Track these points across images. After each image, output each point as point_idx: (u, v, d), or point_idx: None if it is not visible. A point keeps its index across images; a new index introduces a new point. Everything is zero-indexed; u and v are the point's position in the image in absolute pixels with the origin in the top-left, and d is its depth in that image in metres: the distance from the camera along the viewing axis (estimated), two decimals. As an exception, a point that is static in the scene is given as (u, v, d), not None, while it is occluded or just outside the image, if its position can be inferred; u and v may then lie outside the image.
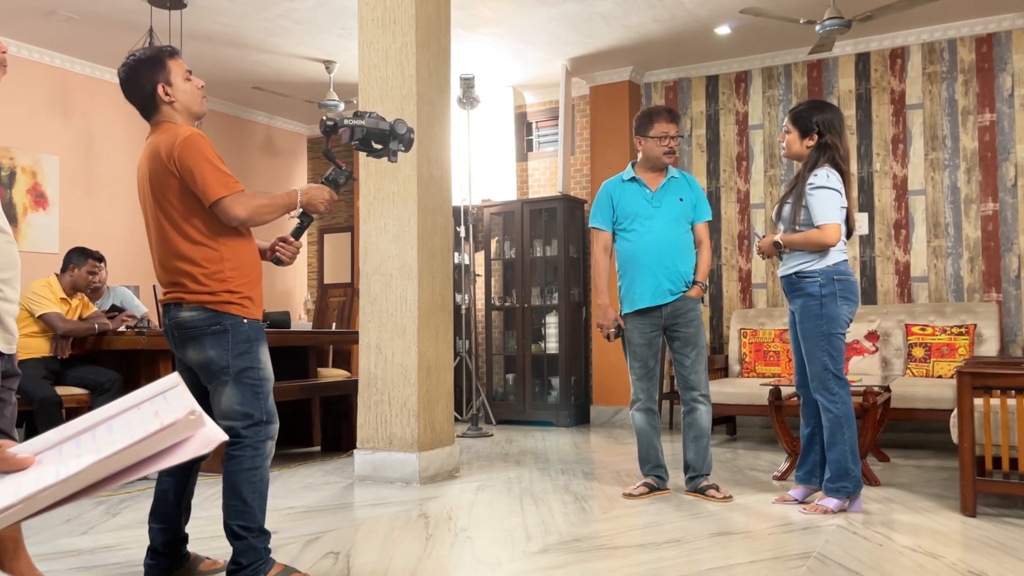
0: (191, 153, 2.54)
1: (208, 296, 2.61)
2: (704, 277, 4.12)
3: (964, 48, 6.34)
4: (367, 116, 2.76)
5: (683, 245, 4.09)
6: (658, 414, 4.16)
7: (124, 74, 2.67)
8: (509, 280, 7.68)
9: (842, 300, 3.64)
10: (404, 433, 4.49)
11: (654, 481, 4.11)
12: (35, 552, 3.12)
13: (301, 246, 2.92)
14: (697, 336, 4.07)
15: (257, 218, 2.61)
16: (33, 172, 6.67)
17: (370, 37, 4.69)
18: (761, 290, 6.94)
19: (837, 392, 3.63)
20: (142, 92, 2.66)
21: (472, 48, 6.81)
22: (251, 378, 2.64)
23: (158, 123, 2.68)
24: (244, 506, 2.62)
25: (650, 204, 4.10)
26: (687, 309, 4.05)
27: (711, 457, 4.08)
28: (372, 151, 2.81)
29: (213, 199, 2.55)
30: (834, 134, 3.72)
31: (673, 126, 4.12)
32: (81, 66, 7.02)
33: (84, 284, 5.08)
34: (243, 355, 2.63)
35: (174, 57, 2.69)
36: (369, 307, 4.63)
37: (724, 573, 2.77)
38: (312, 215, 2.79)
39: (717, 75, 7.21)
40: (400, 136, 2.79)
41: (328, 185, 2.78)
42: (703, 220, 4.16)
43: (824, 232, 3.61)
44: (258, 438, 2.64)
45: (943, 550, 3.02)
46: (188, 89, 2.69)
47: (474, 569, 2.89)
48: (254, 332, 2.68)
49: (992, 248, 6.17)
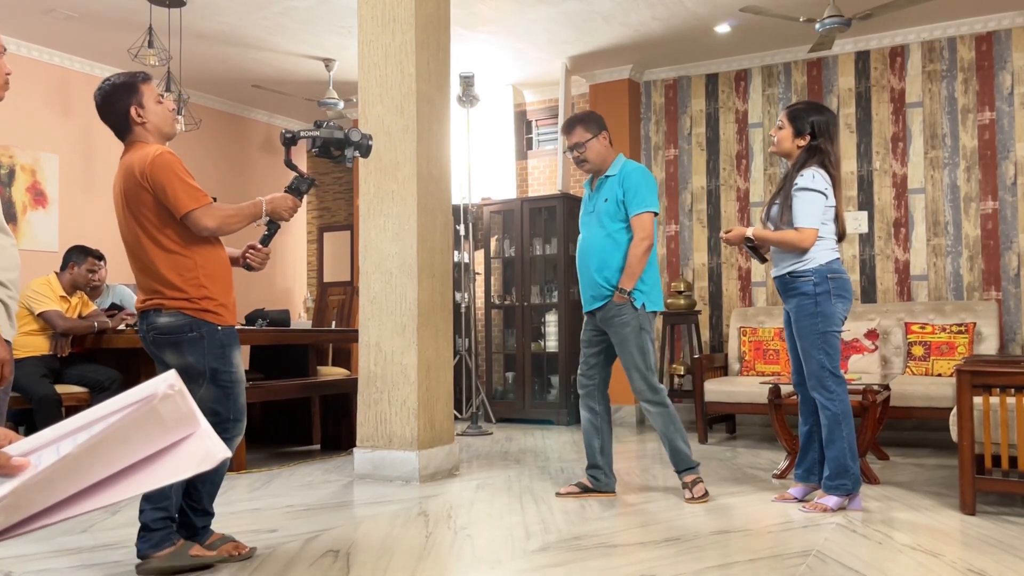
0: (161, 170, 2.75)
1: (186, 302, 2.81)
2: (626, 281, 3.83)
3: (964, 46, 6.33)
4: (323, 126, 2.97)
5: (605, 248, 3.90)
6: (599, 413, 4.04)
7: (100, 98, 2.88)
8: (509, 278, 7.68)
9: (836, 298, 3.64)
10: (404, 431, 4.49)
11: (588, 481, 4.03)
12: (35, 550, 3.13)
13: (270, 252, 3.13)
14: (623, 343, 3.87)
15: (226, 227, 2.82)
16: (32, 170, 6.67)
17: (370, 35, 4.69)
18: (761, 288, 6.94)
19: (834, 390, 3.63)
20: (116, 114, 2.87)
21: (472, 46, 6.81)
22: (224, 381, 2.88)
23: (131, 143, 2.89)
24: (194, 490, 2.91)
25: (585, 209, 4.05)
26: (612, 315, 3.89)
27: (684, 452, 3.89)
28: (332, 158, 3.01)
29: (183, 211, 2.76)
30: (827, 139, 3.72)
31: (571, 137, 3.98)
32: (81, 64, 7.02)
33: (84, 282, 5.08)
34: (218, 359, 2.85)
35: (147, 82, 2.89)
36: (369, 305, 4.63)
37: (724, 571, 2.78)
38: (278, 223, 2.99)
39: (717, 73, 7.20)
40: (355, 143, 2.98)
41: (291, 194, 2.99)
42: (634, 213, 3.86)
43: (801, 235, 3.62)
44: (223, 435, 2.84)
45: (942, 548, 3.02)
46: (159, 111, 2.90)
47: (474, 567, 2.89)
48: (228, 338, 2.89)
49: (992, 246, 6.17)
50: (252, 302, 7.81)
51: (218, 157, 8.13)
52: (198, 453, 1.01)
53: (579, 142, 3.97)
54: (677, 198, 7.29)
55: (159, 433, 1.00)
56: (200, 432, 1.02)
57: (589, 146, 3.97)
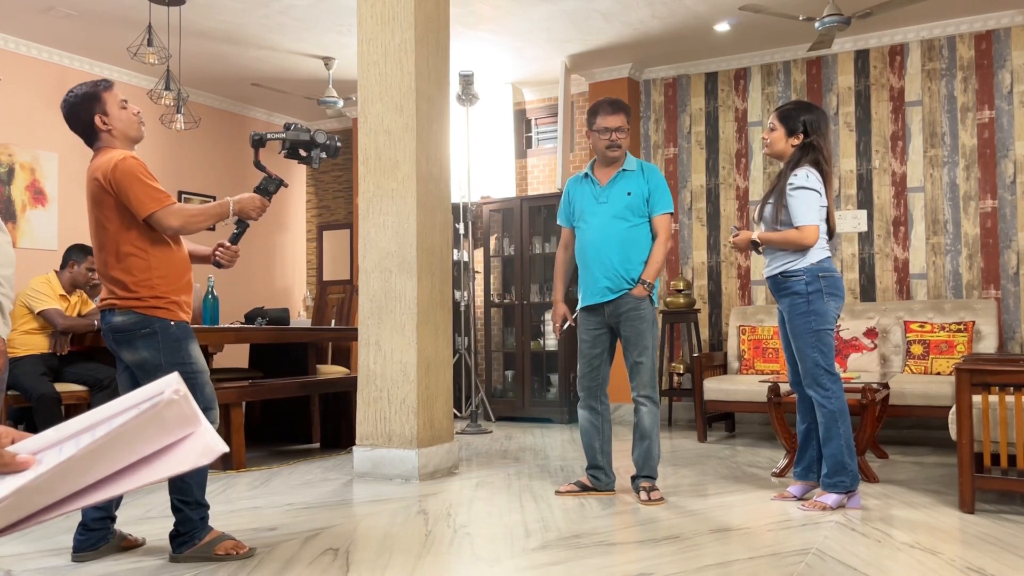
0: (123, 174, 2.83)
1: (136, 302, 2.90)
2: (650, 275, 3.88)
3: (963, 45, 6.34)
4: (290, 129, 3.08)
5: (628, 240, 3.90)
6: (601, 412, 4.04)
7: (65, 110, 2.97)
8: (508, 277, 7.68)
9: (828, 296, 3.66)
10: (403, 430, 4.49)
11: (588, 480, 4.04)
12: (32, 549, 3.13)
13: (238, 251, 3.22)
14: (640, 337, 3.89)
15: (190, 226, 2.91)
16: (32, 169, 6.67)
17: (369, 34, 4.68)
18: (760, 287, 6.94)
19: (830, 388, 3.64)
20: (82, 124, 2.96)
21: (471, 45, 6.80)
22: (184, 372, 2.90)
23: (99, 149, 2.98)
24: (182, 483, 2.93)
25: (596, 200, 3.99)
26: (629, 308, 3.88)
27: (655, 460, 3.91)
28: (300, 159, 3.13)
29: (146, 214, 2.85)
30: (819, 135, 3.75)
31: (615, 118, 3.93)
32: (80, 62, 7.01)
33: (83, 281, 5.08)
34: (174, 353, 2.93)
35: (109, 90, 2.98)
36: (368, 304, 4.63)
37: (723, 569, 2.78)
38: (247, 222, 3.10)
39: (716, 72, 7.20)
40: (321, 144, 3.10)
41: (260, 194, 3.09)
42: (659, 212, 3.93)
43: (803, 233, 3.63)
44: None
45: (941, 546, 3.03)
46: (124, 117, 3.00)
47: (473, 565, 2.90)
48: (181, 332, 2.98)
49: (991, 245, 6.17)
50: (251, 300, 7.81)
51: (217, 155, 8.13)
52: (197, 448, 1.03)
53: (622, 126, 3.97)
54: (677, 196, 7.28)
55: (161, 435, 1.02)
56: (200, 430, 1.03)
57: (626, 134, 4.00)
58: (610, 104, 3.99)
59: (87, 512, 2.94)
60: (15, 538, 3.31)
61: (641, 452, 3.92)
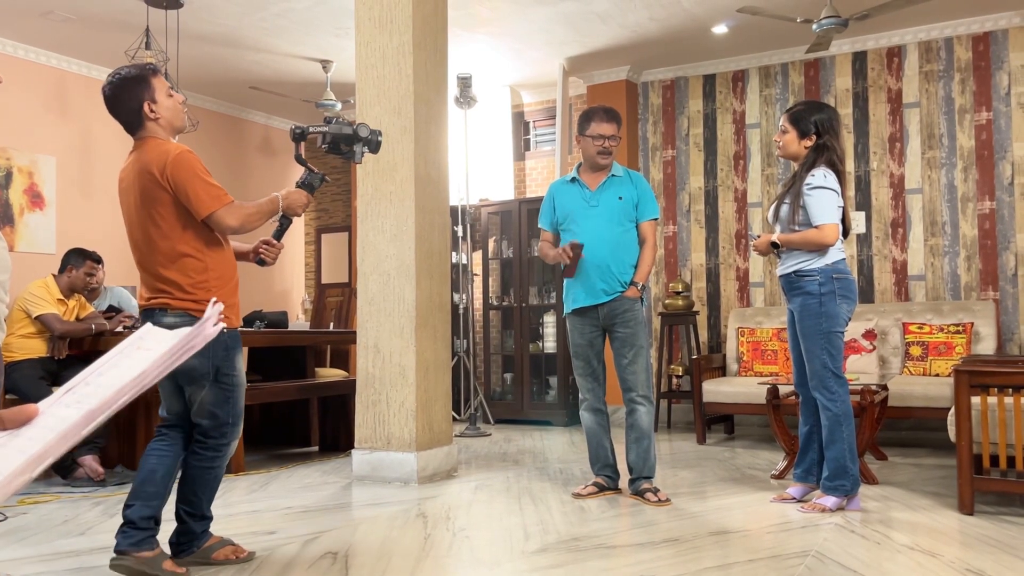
0: (182, 170, 2.70)
1: (193, 304, 2.77)
2: (642, 277, 4.01)
3: (961, 47, 6.34)
4: (332, 122, 2.94)
5: (620, 244, 3.99)
6: (607, 413, 4.13)
7: (110, 91, 2.79)
8: (507, 279, 7.68)
9: (841, 298, 3.65)
10: (402, 433, 4.49)
11: (604, 481, 4.09)
12: (33, 552, 3.13)
13: (283, 247, 3.11)
14: (634, 337, 3.97)
15: (248, 225, 2.80)
16: (30, 172, 6.66)
17: (367, 37, 4.68)
18: (759, 289, 6.94)
19: (836, 391, 3.64)
20: (128, 109, 2.79)
21: (469, 47, 6.81)
22: (225, 383, 2.84)
23: (143, 138, 2.81)
24: (193, 496, 2.88)
25: (587, 204, 4.05)
26: (623, 309, 3.97)
27: (653, 459, 3.98)
28: (342, 154, 2.98)
29: (206, 213, 2.72)
30: (832, 135, 3.74)
31: (610, 126, 4.01)
32: (78, 66, 7.01)
33: (82, 285, 5.07)
34: (222, 362, 2.81)
35: (157, 75, 2.82)
36: (367, 307, 4.63)
37: (722, 572, 2.78)
38: (291, 217, 2.97)
39: (714, 74, 7.21)
40: (364, 139, 2.95)
41: (304, 189, 2.97)
42: (647, 218, 4.05)
43: (823, 232, 3.63)
44: (221, 440, 2.87)
45: (941, 548, 3.02)
46: (171, 105, 2.84)
47: (472, 568, 2.89)
48: (232, 341, 2.86)
49: (989, 246, 6.18)
50: (250, 304, 7.80)
51: (215, 159, 8.12)
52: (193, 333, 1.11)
53: (615, 135, 4.05)
54: (675, 199, 7.29)
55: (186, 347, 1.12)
56: (192, 329, 1.12)
57: (617, 143, 4.07)
58: (605, 112, 4.06)
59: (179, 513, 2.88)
60: (13, 542, 3.31)
61: (640, 453, 3.95)
